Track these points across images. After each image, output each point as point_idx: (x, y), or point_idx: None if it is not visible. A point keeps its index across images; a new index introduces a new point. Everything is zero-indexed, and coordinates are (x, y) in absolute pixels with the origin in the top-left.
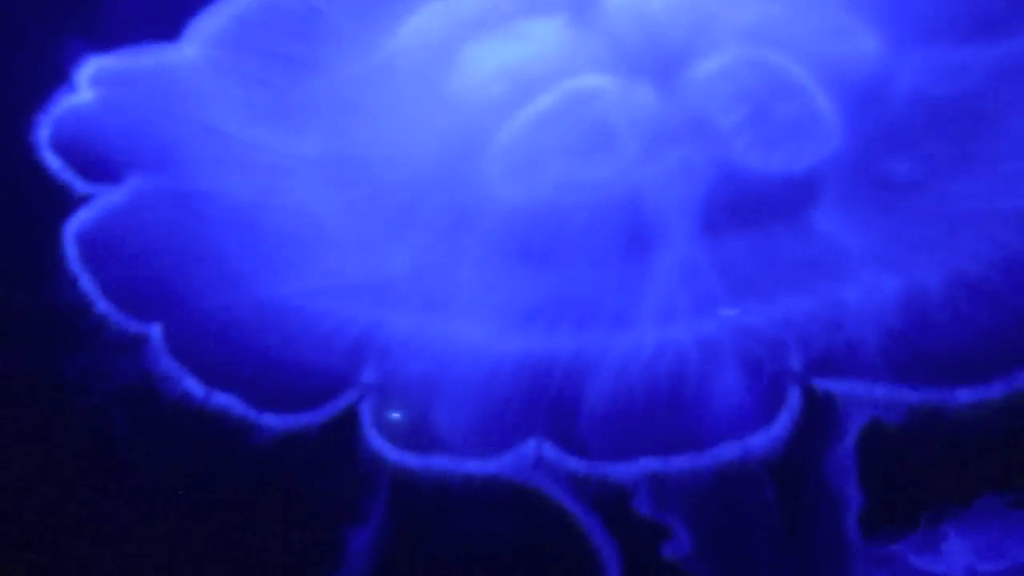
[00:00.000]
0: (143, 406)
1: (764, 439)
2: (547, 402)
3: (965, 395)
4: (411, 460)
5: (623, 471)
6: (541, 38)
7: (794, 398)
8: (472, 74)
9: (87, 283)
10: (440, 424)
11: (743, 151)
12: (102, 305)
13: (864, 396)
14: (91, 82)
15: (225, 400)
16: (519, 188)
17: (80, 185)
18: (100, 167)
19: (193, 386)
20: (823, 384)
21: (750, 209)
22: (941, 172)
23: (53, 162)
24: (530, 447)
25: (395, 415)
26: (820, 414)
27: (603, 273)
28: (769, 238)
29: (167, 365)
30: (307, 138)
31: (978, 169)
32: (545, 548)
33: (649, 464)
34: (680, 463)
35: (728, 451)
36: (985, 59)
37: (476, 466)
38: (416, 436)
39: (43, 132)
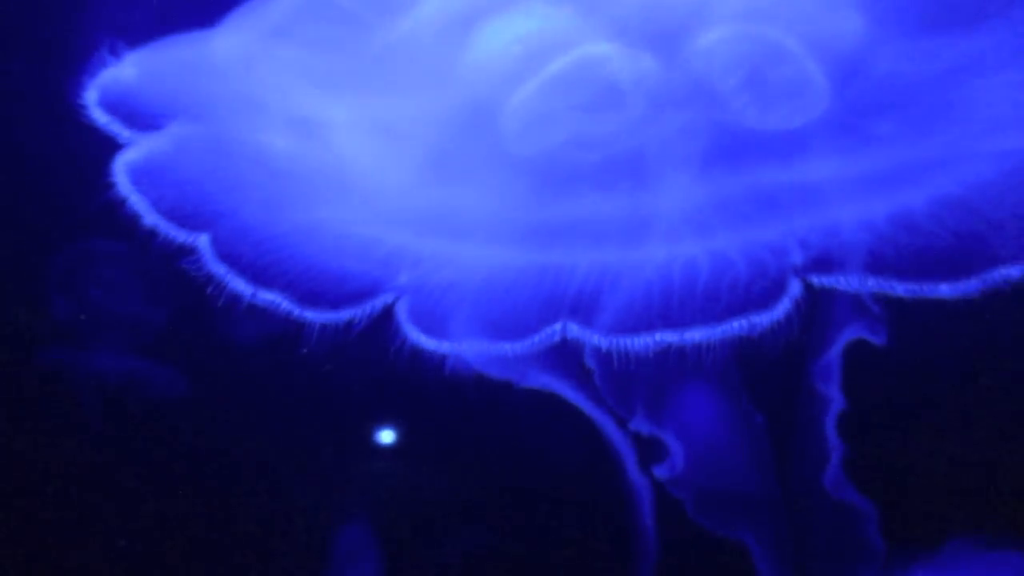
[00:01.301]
0: None
1: (768, 318)
2: (569, 298)
3: (946, 289)
4: (444, 346)
5: (641, 344)
6: (550, 17)
7: (794, 287)
8: (486, 47)
9: (136, 202)
10: (471, 316)
11: (740, 110)
12: (151, 219)
13: (856, 289)
14: (134, 56)
15: (271, 297)
16: (533, 141)
17: (125, 135)
18: (143, 122)
19: (240, 287)
20: (820, 279)
21: (746, 157)
22: (920, 129)
23: (101, 117)
24: (555, 329)
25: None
26: (816, 307)
27: (613, 204)
28: (764, 178)
29: (215, 268)
30: (338, 101)
31: (954, 124)
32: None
33: (665, 337)
34: (693, 336)
35: (737, 326)
36: (953, 48)
37: (507, 348)
38: (448, 326)
39: (90, 95)
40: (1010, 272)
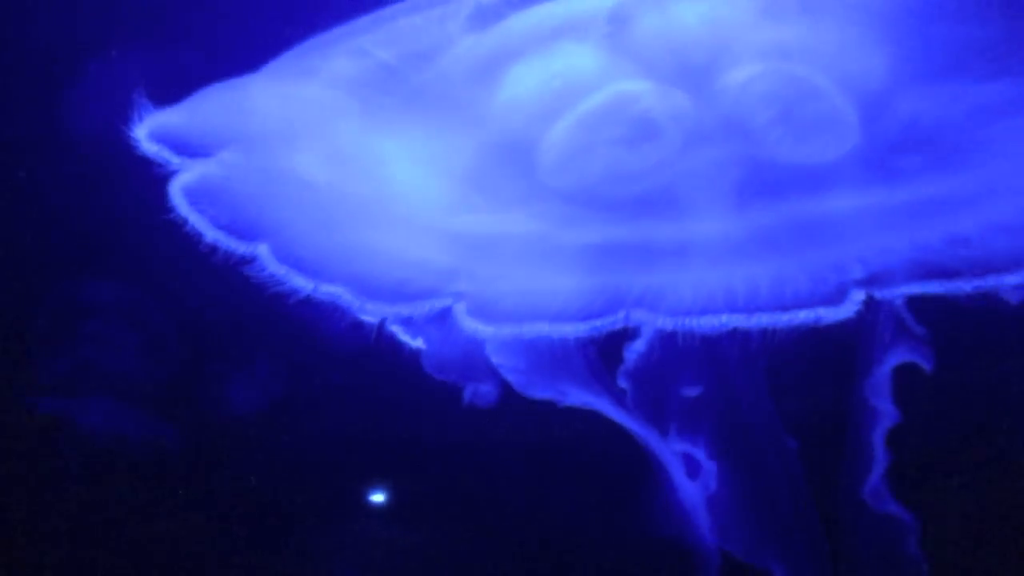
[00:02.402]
0: None
1: (834, 316)
2: (628, 299)
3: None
4: (507, 329)
5: (710, 325)
6: (582, 56)
7: (857, 296)
8: (521, 85)
9: (196, 221)
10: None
11: (773, 145)
12: (211, 235)
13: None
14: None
15: (331, 291)
16: (571, 175)
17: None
18: (190, 154)
19: (301, 283)
20: (880, 292)
21: (780, 188)
22: (946, 166)
23: (151, 148)
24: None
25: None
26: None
27: (655, 233)
28: (799, 209)
29: (275, 269)
30: (378, 136)
31: (980, 162)
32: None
33: (734, 320)
34: (760, 321)
35: (804, 317)
36: (974, 92)
37: (572, 330)
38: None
39: (140, 130)
40: None
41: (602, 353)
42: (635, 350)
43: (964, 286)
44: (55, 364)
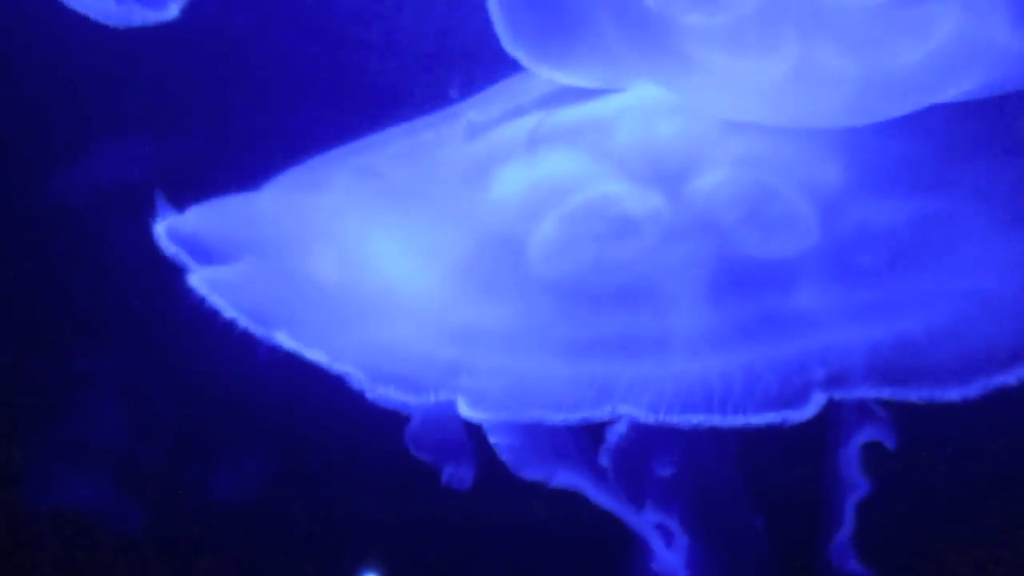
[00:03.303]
0: None
1: (798, 416)
2: (616, 392)
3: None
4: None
5: (688, 422)
6: (564, 162)
7: (812, 400)
8: (508, 187)
9: (216, 302)
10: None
11: (741, 241)
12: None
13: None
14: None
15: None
16: (558, 267)
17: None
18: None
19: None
20: (833, 393)
21: (751, 282)
22: (899, 265)
23: (170, 248)
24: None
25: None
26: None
27: (637, 322)
28: (769, 301)
29: (292, 346)
30: (378, 235)
31: (929, 263)
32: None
33: (709, 421)
34: (733, 422)
35: (771, 418)
36: (920, 201)
37: (565, 418)
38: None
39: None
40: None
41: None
42: (616, 432)
43: (913, 394)
44: (41, 435)
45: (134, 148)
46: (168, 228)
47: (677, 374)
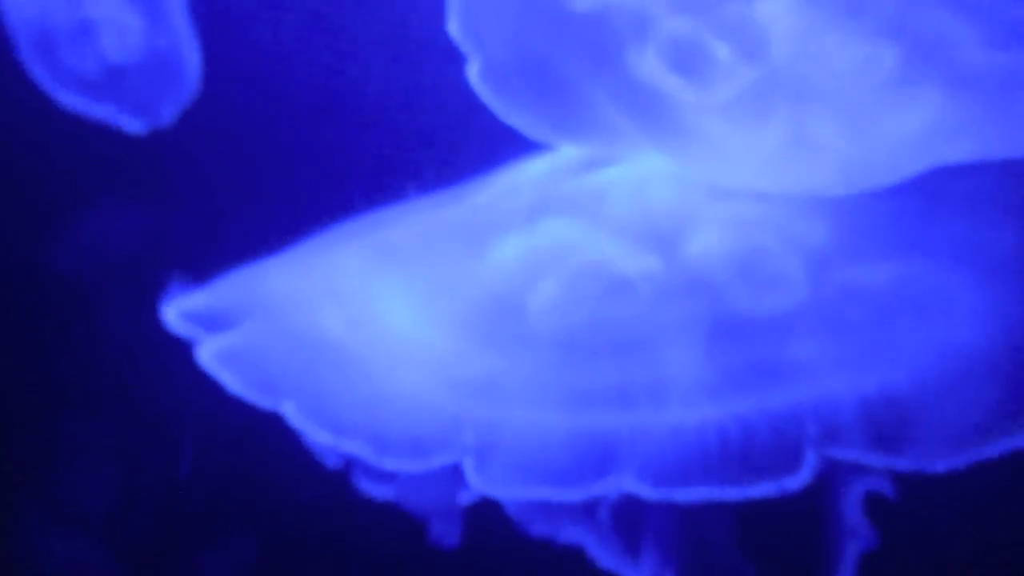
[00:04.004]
0: None
1: (795, 482)
2: (615, 457)
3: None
4: (511, 492)
5: (686, 496)
6: (563, 227)
7: (811, 459)
8: (504, 254)
9: (218, 373)
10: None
11: (734, 298)
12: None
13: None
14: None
15: (353, 446)
16: (557, 323)
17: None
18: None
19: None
20: (828, 449)
21: (745, 336)
22: (879, 319)
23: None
24: (611, 481)
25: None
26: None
27: (636, 375)
28: (762, 353)
29: (302, 423)
30: (381, 294)
31: (907, 317)
32: None
33: (706, 493)
34: (731, 493)
35: (767, 488)
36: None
37: (571, 494)
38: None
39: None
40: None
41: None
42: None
43: (903, 461)
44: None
45: (130, 218)
46: (173, 304)
47: (674, 426)
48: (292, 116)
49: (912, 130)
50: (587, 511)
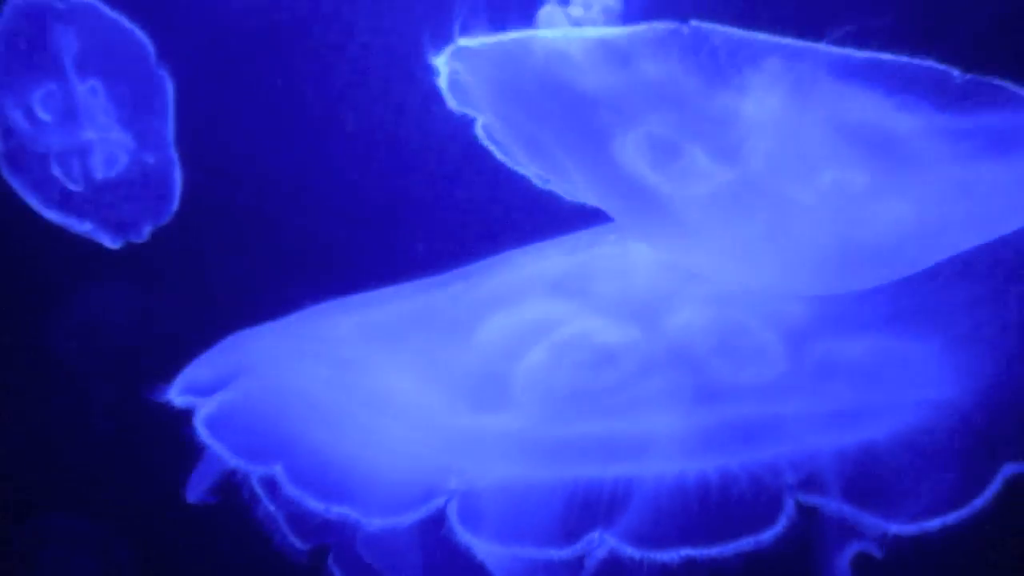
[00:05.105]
0: None
1: (771, 536)
2: (598, 513)
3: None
4: (495, 549)
5: (668, 556)
6: (547, 305)
7: (790, 507)
8: (496, 327)
9: (216, 446)
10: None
11: (715, 369)
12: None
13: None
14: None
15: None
16: (542, 392)
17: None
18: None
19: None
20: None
21: (726, 402)
22: (858, 385)
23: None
24: (593, 538)
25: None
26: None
27: (620, 437)
28: (743, 417)
29: (291, 492)
30: (373, 359)
31: (885, 382)
32: None
33: (688, 552)
34: (711, 552)
35: (746, 544)
36: (868, 338)
37: (554, 553)
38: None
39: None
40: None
41: None
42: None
43: (874, 516)
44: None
45: (124, 300)
46: (175, 384)
47: (656, 478)
48: (294, 210)
49: (885, 241)
50: (571, 570)
